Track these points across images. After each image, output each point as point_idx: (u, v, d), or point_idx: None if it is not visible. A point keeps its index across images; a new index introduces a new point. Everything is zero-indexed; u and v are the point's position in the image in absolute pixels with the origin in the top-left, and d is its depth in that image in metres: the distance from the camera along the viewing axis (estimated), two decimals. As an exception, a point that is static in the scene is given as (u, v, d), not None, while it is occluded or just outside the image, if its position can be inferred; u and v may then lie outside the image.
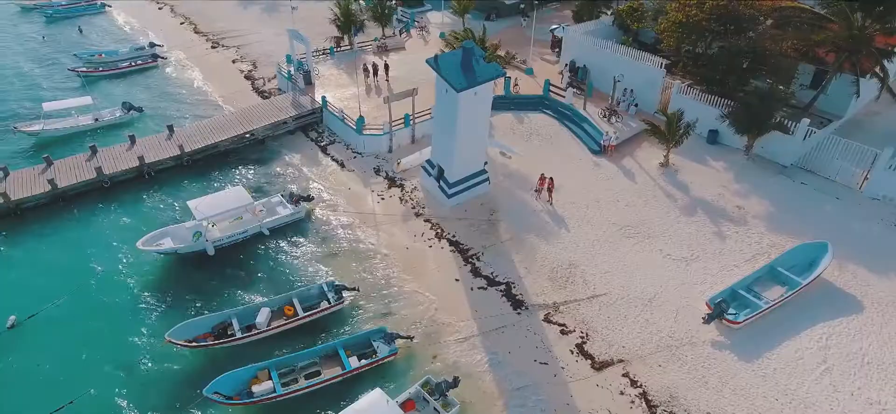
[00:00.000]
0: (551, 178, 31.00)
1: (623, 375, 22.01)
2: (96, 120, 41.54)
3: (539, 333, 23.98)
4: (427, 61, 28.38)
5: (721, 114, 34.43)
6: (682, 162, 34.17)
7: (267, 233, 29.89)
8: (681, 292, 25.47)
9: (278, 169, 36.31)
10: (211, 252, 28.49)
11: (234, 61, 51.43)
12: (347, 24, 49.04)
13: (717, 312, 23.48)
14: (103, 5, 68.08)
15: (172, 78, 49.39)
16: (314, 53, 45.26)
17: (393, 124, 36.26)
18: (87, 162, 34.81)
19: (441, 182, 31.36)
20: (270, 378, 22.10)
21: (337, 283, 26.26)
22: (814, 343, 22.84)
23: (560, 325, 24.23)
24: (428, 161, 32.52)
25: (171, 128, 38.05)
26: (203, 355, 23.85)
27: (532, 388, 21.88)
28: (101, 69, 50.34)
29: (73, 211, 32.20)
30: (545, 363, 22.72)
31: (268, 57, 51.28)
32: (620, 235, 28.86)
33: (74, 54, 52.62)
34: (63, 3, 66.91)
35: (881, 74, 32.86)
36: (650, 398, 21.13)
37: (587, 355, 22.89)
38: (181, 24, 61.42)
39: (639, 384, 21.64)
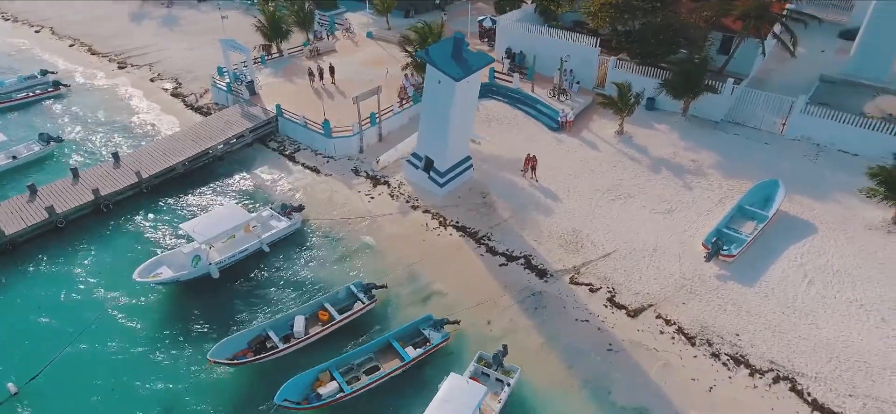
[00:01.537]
0: (534, 157, 33.02)
1: (657, 317, 24.55)
2: (14, 158, 37.07)
3: (570, 294, 25.90)
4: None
5: (659, 83, 38.49)
6: (632, 129, 37.76)
7: (267, 249, 28.92)
8: (675, 239, 28.63)
9: (252, 183, 34.90)
10: (216, 275, 27.17)
11: (152, 80, 47.84)
12: (275, 31, 47.70)
13: (714, 250, 26.84)
14: (-37, 33, 59.85)
15: (87, 104, 44.75)
16: (245, 63, 43.29)
17: (361, 124, 36.31)
18: (30, 203, 31.35)
19: (431, 173, 32.16)
20: (333, 379, 22.00)
21: (365, 282, 26.32)
22: (792, 263, 26.91)
23: (587, 284, 26.33)
24: (414, 154, 33.14)
25: (116, 155, 35.12)
26: (244, 371, 23.01)
27: (581, 342, 23.73)
28: (-8, 104, 44.63)
29: (32, 258, 28.90)
30: (586, 320, 24.68)
31: (188, 72, 48.38)
32: (606, 199, 31.58)
33: (-49, 90, 46.01)
34: None
35: (790, 36, 38.61)
36: (686, 331, 23.85)
37: (620, 306, 25.19)
38: (71, 46, 55.54)
39: (672, 322, 24.29)
